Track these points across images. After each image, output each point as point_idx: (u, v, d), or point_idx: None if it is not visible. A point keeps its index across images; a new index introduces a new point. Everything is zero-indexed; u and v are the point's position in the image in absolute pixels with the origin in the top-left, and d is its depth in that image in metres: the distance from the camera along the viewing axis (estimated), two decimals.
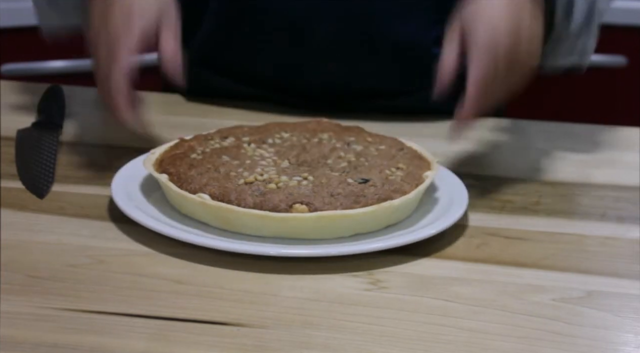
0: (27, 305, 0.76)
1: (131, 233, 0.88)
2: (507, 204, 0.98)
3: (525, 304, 0.79)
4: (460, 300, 0.79)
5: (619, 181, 1.05)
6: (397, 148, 0.97)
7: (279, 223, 0.85)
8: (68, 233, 0.88)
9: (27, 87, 1.31)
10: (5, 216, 0.91)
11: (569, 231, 0.93)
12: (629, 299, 0.81)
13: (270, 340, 0.72)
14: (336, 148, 0.97)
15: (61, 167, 1.02)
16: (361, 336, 0.73)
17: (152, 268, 0.82)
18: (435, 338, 0.74)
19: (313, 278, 0.82)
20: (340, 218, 0.85)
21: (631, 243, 0.91)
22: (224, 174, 0.89)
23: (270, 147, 0.96)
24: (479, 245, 0.89)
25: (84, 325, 0.73)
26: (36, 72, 1.82)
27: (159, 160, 0.94)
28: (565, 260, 0.87)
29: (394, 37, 1.18)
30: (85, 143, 1.10)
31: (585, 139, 1.18)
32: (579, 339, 0.74)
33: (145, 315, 0.75)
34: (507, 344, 0.73)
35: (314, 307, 0.77)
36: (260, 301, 0.78)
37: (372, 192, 0.87)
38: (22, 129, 1.10)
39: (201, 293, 0.79)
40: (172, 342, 0.72)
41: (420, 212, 0.92)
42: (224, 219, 0.86)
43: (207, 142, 0.97)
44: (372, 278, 0.82)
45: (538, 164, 1.10)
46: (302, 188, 0.87)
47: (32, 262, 0.82)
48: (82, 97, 1.20)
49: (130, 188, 0.93)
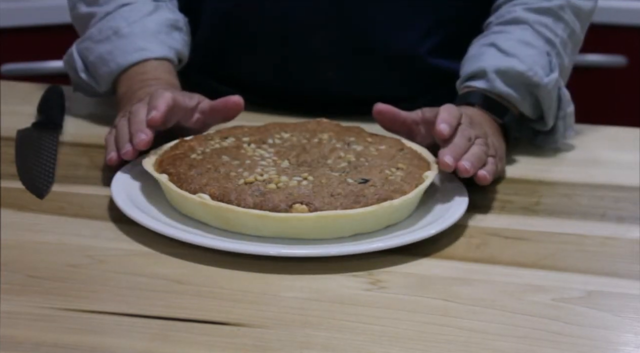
0: (27, 305, 0.76)
1: (131, 233, 0.88)
2: (507, 204, 0.98)
3: (525, 304, 0.79)
4: (460, 300, 0.79)
5: (619, 181, 1.05)
6: (397, 148, 0.97)
7: (279, 223, 0.85)
8: (68, 233, 0.88)
9: (27, 87, 1.31)
10: (5, 216, 0.90)
11: (569, 231, 0.93)
12: (629, 299, 0.81)
13: (270, 340, 0.72)
14: (336, 148, 0.97)
15: (61, 167, 1.02)
16: (361, 336, 0.73)
17: (152, 268, 0.82)
18: (435, 338, 0.74)
19: (313, 278, 0.82)
20: (340, 218, 0.85)
21: (631, 243, 0.91)
22: (224, 174, 0.89)
23: (270, 147, 0.96)
24: (478, 245, 0.89)
25: (84, 325, 0.73)
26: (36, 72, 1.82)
27: (159, 160, 0.94)
28: (565, 260, 0.87)
29: (390, 46, 1.19)
30: (85, 143, 1.10)
31: (586, 139, 1.18)
32: (579, 339, 0.74)
33: (145, 315, 0.75)
34: (507, 344, 0.73)
35: (314, 307, 0.77)
36: (260, 301, 0.78)
37: (372, 192, 0.87)
38: (22, 129, 1.10)
39: (201, 293, 0.79)
40: (172, 342, 0.72)
41: (420, 212, 0.92)
42: (224, 219, 0.86)
43: (207, 142, 0.97)
44: (372, 278, 0.82)
45: (538, 164, 1.10)
46: (302, 188, 0.87)
47: (32, 262, 0.82)
48: (82, 97, 1.20)
49: (130, 189, 0.93)
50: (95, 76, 1.14)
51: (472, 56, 1.11)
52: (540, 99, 1.08)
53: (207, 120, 1.03)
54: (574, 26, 1.13)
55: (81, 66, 1.15)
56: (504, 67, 1.07)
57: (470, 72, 1.09)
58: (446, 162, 0.91)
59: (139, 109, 0.97)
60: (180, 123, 1.00)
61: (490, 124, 1.05)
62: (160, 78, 1.09)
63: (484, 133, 0.98)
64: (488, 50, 1.10)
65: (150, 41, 1.12)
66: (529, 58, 1.08)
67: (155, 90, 1.02)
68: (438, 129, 0.93)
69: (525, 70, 1.07)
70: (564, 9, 1.12)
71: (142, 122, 0.95)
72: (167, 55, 1.12)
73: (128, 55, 1.11)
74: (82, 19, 1.17)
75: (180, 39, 1.16)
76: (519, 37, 1.10)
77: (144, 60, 1.11)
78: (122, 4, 1.14)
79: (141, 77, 1.09)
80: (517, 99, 1.08)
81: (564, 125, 1.11)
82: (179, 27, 1.16)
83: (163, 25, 1.14)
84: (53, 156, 1.03)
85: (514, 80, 1.07)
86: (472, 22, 1.18)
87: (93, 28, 1.14)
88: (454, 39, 1.19)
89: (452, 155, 0.92)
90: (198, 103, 1.02)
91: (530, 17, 1.11)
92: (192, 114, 1.01)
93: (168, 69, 1.12)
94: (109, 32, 1.12)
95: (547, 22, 1.11)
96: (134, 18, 1.13)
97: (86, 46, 1.14)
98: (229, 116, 1.04)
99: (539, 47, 1.09)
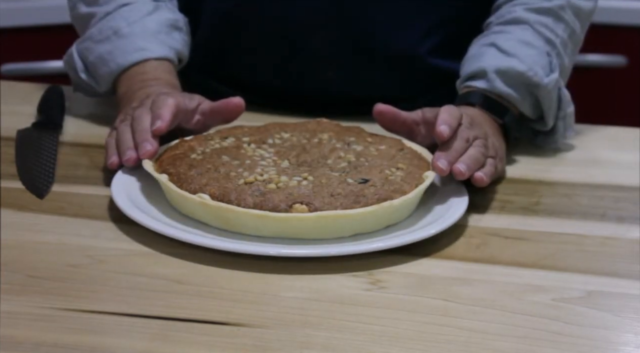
0: (27, 305, 0.76)
1: (131, 233, 0.88)
2: (507, 204, 0.98)
3: (525, 304, 0.79)
4: (460, 300, 0.79)
5: (619, 181, 1.05)
6: (397, 148, 0.97)
7: (279, 223, 0.85)
8: (68, 233, 0.88)
9: (27, 87, 1.31)
10: (5, 216, 0.90)
11: (569, 231, 0.93)
12: (629, 299, 0.81)
13: (270, 340, 0.72)
14: (336, 148, 0.96)
15: (61, 167, 1.02)
16: (361, 336, 0.73)
17: (152, 268, 0.82)
18: (435, 338, 0.74)
19: (313, 278, 0.82)
20: (340, 218, 0.85)
21: (631, 243, 0.91)
22: (224, 174, 0.89)
23: (270, 147, 0.96)
24: (478, 245, 0.89)
25: (84, 325, 0.73)
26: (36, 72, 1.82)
27: (159, 160, 0.94)
28: (565, 260, 0.87)
29: (390, 46, 1.19)
30: (85, 143, 1.10)
31: (586, 139, 1.18)
32: (579, 339, 0.74)
33: (145, 315, 0.75)
34: (507, 344, 0.73)
35: (314, 307, 0.77)
36: (260, 301, 0.78)
37: (372, 192, 0.87)
38: (22, 129, 1.10)
39: (201, 293, 0.79)
40: (172, 342, 0.72)
41: (420, 212, 0.92)
42: (224, 219, 0.86)
43: (207, 142, 0.97)
44: (372, 278, 0.82)
45: (538, 164, 1.10)
46: (302, 188, 0.87)
47: (32, 262, 0.82)
48: (82, 97, 1.20)
49: (130, 189, 0.93)
50: (95, 76, 1.14)
51: (472, 56, 1.11)
52: (540, 99, 1.08)
53: (207, 121, 1.03)
54: (574, 26, 1.13)
55: (81, 66, 1.15)
56: (504, 67, 1.07)
57: (470, 72, 1.09)
58: (439, 166, 0.91)
59: (142, 115, 0.97)
60: (181, 124, 1.00)
61: (490, 124, 1.05)
62: (160, 78, 1.09)
63: (484, 133, 0.98)
64: (488, 50, 1.10)
65: (150, 41, 1.12)
66: (529, 58, 1.08)
67: (157, 93, 1.01)
68: (438, 131, 0.93)
69: (526, 70, 1.07)
70: (564, 9, 1.12)
71: (147, 132, 0.95)
72: (167, 55, 1.12)
73: (128, 55, 1.11)
74: (82, 19, 1.17)
75: (180, 38, 1.16)
76: (519, 37, 1.10)
77: (144, 60, 1.11)
78: (122, 4, 1.14)
79: (141, 77, 1.09)
80: (517, 99, 1.08)
81: (564, 125, 1.11)
82: (179, 27, 1.16)
83: (163, 25, 1.14)
84: (53, 156, 1.03)
85: (514, 80, 1.07)
86: (472, 22, 1.18)
87: (93, 28, 1.14)
88: (454, 39, 1.19)
89: (447, 159, 0.92)
90: (198, 104, 1.02)
91: (531, 17, 1.11)
92: (193, 115, 1.01)
93: (168, 68, 1.12)
94: (109, 32, 1.12)
95: (547, 22, 1.11)
96: (134, 18, 1.13)
97: (86, 46, 1.14)
98: (230, 118, 1.04)
99: (539, 47, 1.10)
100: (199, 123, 1.02)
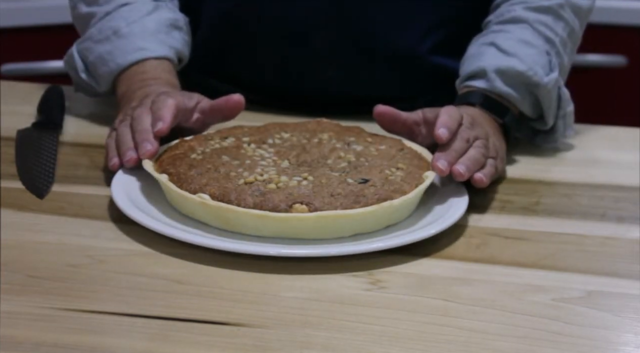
0: (27, 305, 0.76)
1: (131, 233, 0.88)
2: (507, 204, 0.98)
3: (525, 304, 0.79)
4: (460, 300, 0.79)
5: (619, 181, 1.05)
6: (397, 148, 0.97)
7: (279, 223, 0.85)
8: (68, 233, 0.88)
9: (27, 87, 1.31)
10: (5, 216, 0.90)
11: (569, 231, 0.93)
12: (629, 299, 0.81)
13: (270, 340, 0.72)
14: (336, 148, 0.96)
15: (61, 167, 1.02)
16: (361, 336, 0.73)
17: (152, 268, 0.82)
18: (435, 338, 0.74)
19: (313, 278, 0.82)
20: (340, 218, 0.85)
21: (631, 243, 0.91)
22: (224, 174, 0.89)
23: (270, 147, 0.96)
24: (478, 245, 0.89)
25: (84, 325, 0.73)
26: (36, 72, 1.82)
27: (159, 160, 0.94)
28: (565, 260, 0.87)
29: (390, 46, 1.19)
30: (85, 143, 1.10)
31: (586, 139, 1.18)
32: (579, 339, 0.74)
33: (145, 315, 0.75)
34: (507, 344, 0.73)
35: (314, 307, 0.77)
36: (260, 301, 0.78)
37: (372, 192, 0.87)
38: (22, 129, 1.10)
39: (201, 293, 0.79)
40: (172, 342, 0.72)
41: (420, 212, 0.92)
42: (224, 219, 0.86)
43: (207, 142, 0.97)
44: (372, 278, 0.82)
45: (538, 164, 1.10)
46: (302, 188, 0.87)
47: (32, 262, 0.82)
48: (82, 97, 1.20)
49: (130, 189, 0.93)
50: (95, 76, 1.14)
51: (471, 55, 1.11)
52: (540, 98, 1.08)
53: (206, 119, 1.03)
54: (573, 25, 1.13)
55: (81, 66, 1.15)
56: (503, 67, 1.07)
57: (470, 71, 1.09)
58: (439, 167, 0.91)
59: (142, 115, 0.97)
60: (180, 123, 1.00)
61: (491, 124, 1.05)
62: (160, 77, 1.09)
63: (485, 134, 0.98)
64: (488, 50, 1.10)
65: (150, 41, 1.12)
66: (529, 57, 1.08)
67: (156, 92, 1.01)
68: (437, 134, 0.93)
69: (525, 69, 1.07)
70: (563, 8, 1.12)
71: (147, 131, 0.95)
72: (167, 55, 1.12)
73: (128, 54, 1.11)
74: (83, 19, 1.17)
75: (180, 38, 1.16)
76: (519, 37, 1.10)
77: (144, 59, 1.11)
78: (122, 3, 1.14)
79: (141, 76, 1.09)
80: (517, 99, 1.08)
81: (564, 124, 1.11)
82: (179, 26, 1.16)
83: (162, 24, 1.14)
84: (53, 156, 1.03)
85: (514, 79, 1.07)
86: (472, 21, 1.18)
87: (93, 28, 1.14)
88: (454, 38, 1.19)
89: (447, 160, 0.92)
90: (197, 103, 1.02)
91: (530, 16, 1.11)
92: (192, 114, 1.01)
93: (168, 68, 1.12)
94: (109, 32, 1.12)
95: (546, 21, 1.11)
96: (134, 18, 1.13)
97: (86, 46, 1.14)
98: (230, 115, 1.04)
99: (539, 46, 1.10)
100: (198, 121, 1.02)
